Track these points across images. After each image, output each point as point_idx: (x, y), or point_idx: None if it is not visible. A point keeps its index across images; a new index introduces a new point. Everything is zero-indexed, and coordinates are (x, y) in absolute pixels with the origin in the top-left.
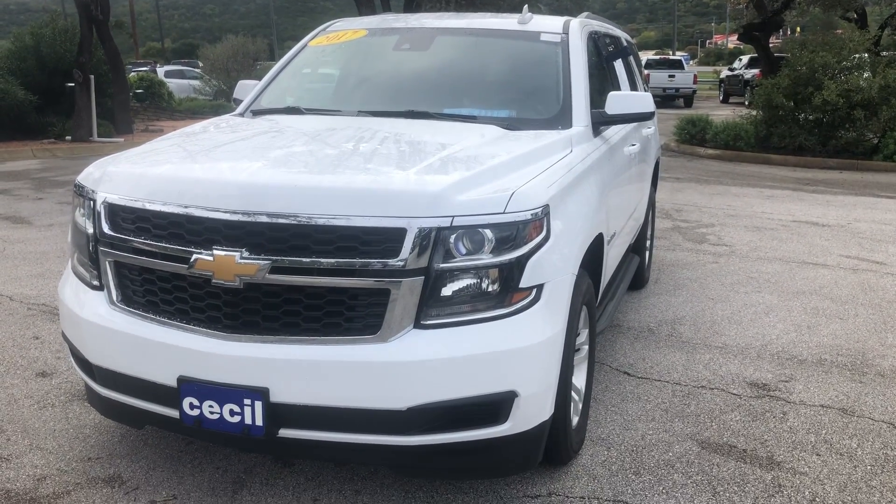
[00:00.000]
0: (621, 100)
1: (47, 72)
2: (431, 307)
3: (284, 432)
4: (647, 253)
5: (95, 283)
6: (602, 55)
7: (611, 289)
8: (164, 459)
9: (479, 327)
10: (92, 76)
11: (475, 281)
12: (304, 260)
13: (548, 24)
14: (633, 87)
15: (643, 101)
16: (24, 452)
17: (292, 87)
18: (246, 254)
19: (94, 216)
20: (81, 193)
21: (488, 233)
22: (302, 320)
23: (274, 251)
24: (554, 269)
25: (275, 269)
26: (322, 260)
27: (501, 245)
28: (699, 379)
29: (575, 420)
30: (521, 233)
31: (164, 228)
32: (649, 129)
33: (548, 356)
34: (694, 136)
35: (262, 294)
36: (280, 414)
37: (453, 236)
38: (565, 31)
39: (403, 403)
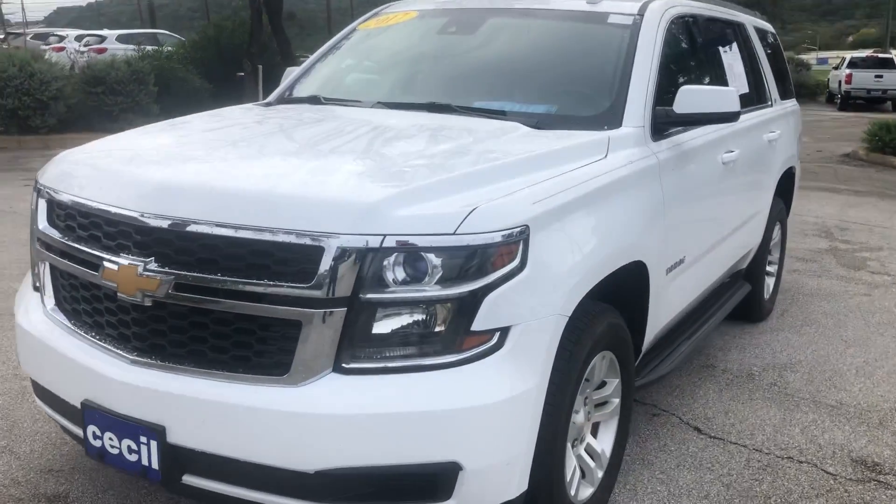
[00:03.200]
0: (694, 96)
1: (224, 61)
2: (357, 347)
3: (189, 479)
4: (772, 280)
5: (37, 284)
6: (698, 44)
7: (687, 326)
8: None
9: (415, 377)
10: (260, 66)
11: (415, 318)
12: (209, 277)
13: (621, 5)
14: (759, 86)
15: (724, 98)
16: None
17: (330, 74)
18: (152, 265)
19: (34, 210)
20: (36, 185)
21: (433, 258)
22: (209, 349)
23: (179, 264)
24: (529, 308)
25: (179, 286)
26: (229, 279)
27: (451, 274)
28: (788, 447)
29: (587, 493)
30: (479, 260)
31: (86, 229)
32: (772, 133)
33: (513, 419)
34: (888, 144)
35: (169, 315)
36: (181, 457)
37: (387, 260)
38: (640, 13)
39: (310, 465)
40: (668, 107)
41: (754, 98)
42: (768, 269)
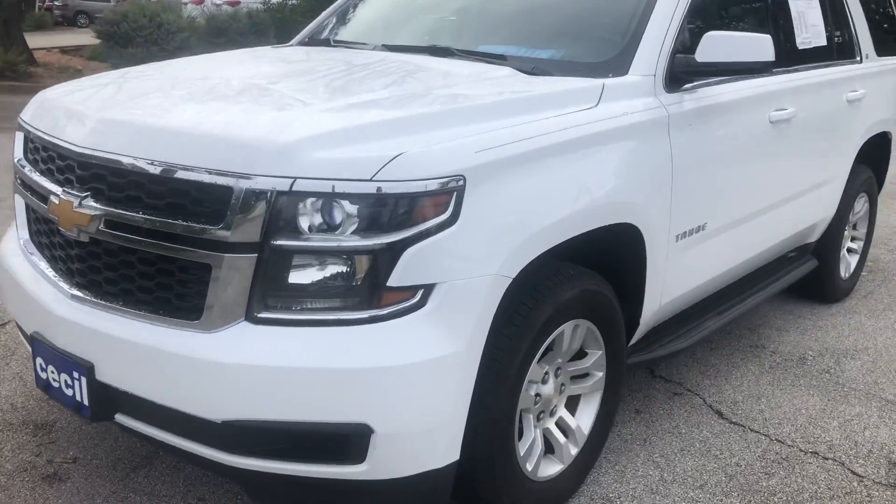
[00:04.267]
0: (720, 43)
1: None
2: (270, 297)
3: (121, 418)
4: (855, 258)
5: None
6: None
7: (722, 301)
8: None
9: (326, 332)
10: None
11: (330, 269)
12: (132, 215)
13: None
14: (842, 39)
15: (754, 46)
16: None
17: (349, 16)
18: (88, 201)
19: (13, 144)
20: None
21: (347, 205)
22: (136, 290)
23: (109, 200)
24: (458, 265)
25: (109, 223)
26: (151, 218)
27: (368, 224)
28: (818, 440)
29: (552, 469)
30: (400, 210)
31: (45, 162)
32: (855, 92)
33: (433, 384)
34: None
35: (104, 252)
36: (111, 396)
37: (302, 206)
38: None
39: (216, 414)
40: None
41: (833, 52)
42: (851, 245)
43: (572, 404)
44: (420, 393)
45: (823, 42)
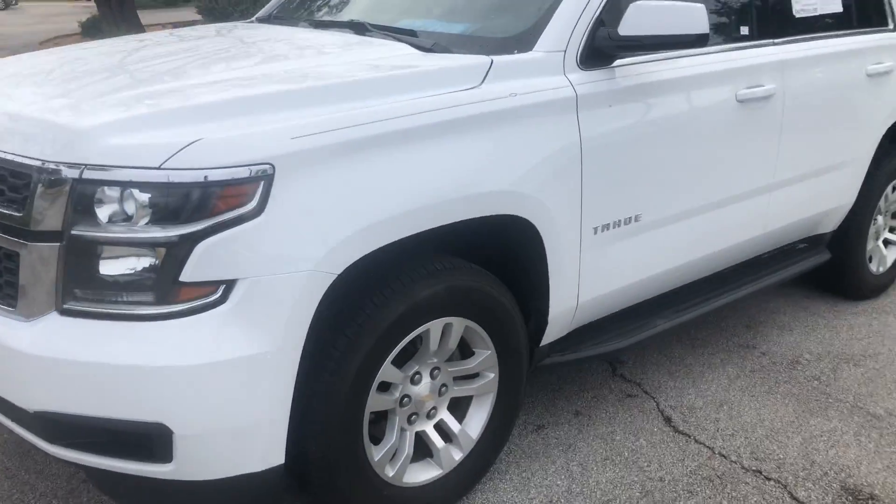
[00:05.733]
0: (646, 14)
1: None
2: (77, 288)
3: None
4: (892, 250)
5: None
6: None
7: (682, 298)
8: None
9: (126, 327)
10: None
11: (130, 262)
12: None
13: None
14: (864, 6)
15: (684, 16)
16: None
17: None
18: None
19: None
20: None
21: (139, 194)
22: None
23: None
24: (265, 260)
25: None
26: None
27: (162, 215)
28: (768, 457)
29: (427, 475)
30: (195, 200)
31: None
32: (878, 65)
33: (238, 385)
34: None
35: None
36: None
37: (96, 194)
38: None
39: (29, 404)
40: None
41: (852, 19)
42: (890, 236)
43: (460, 407)
44: (222, 394)
45: (837, 8)
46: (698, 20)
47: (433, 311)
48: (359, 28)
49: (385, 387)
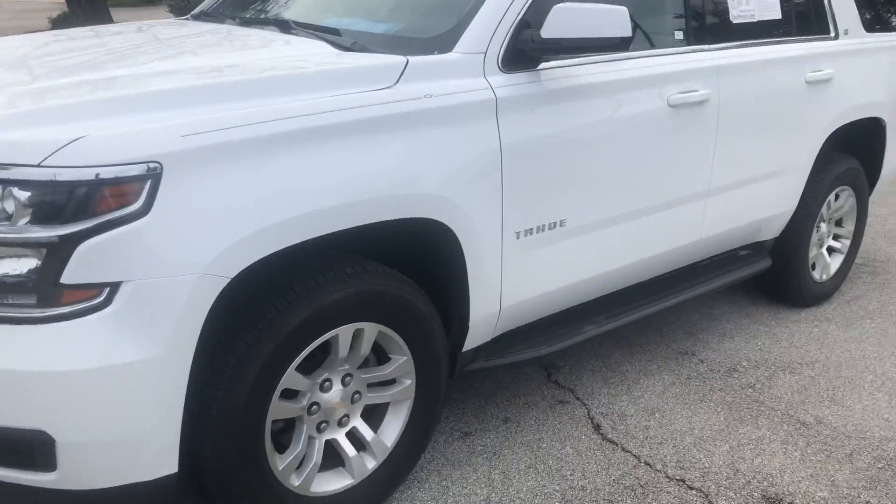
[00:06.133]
0: (570, 16)
1: None
2: None
3: None
4: (838, 258)
5: None
6: None
7: (614, 304)
8: None
9: (9, 330)
10: None
11: (12, 263)
12: None
13: None
14: (806, 12)
15: (606, 19)
16: None
17: None
18: None
19: None
20: None
21: (17, 192)
22: None
23: None
24: (151, 262)
25: None
26: None
27: (42, 214)
28: (694, 466)
29: (338, 484)
30: (75, 200)
31: None
32: (818, 72)
33: (127, 390)
34: None
35: None
36: None
37: None
38: None
39: None
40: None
41: (791, 27)
42: (833, 244)
43: (376, 414)
44: (106, 401)
45: (776, 15)
46: (621, 23)
47: (342, 316)
48: (284, 26)
49: (291, 394)
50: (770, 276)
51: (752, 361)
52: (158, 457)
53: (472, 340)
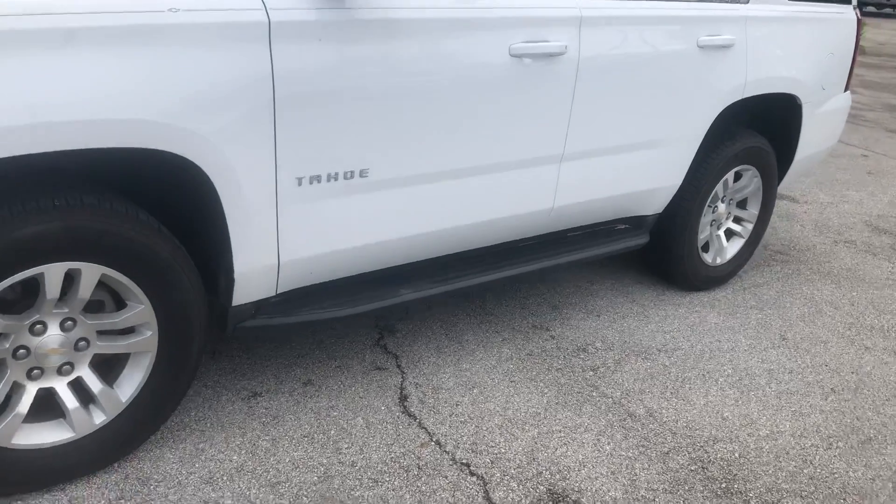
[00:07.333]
0: None
1: None
2: None
3: None
4: (738, 242)
5: None
6: None
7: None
8: None
9: None
10: None
11: None
12: None
13: None
14: None
15: None
16: None
17: None
18: None
19: None
20: None
21: None
22: None
23: None
24: None
25: None
26: None
27: None
28: (488, 451)
29: (59, 437)
30: None
31: None
32: (715, 37)
33: None
34: None
35: None
36: None
37: None
38: None
39: None
40: None
41: None
42: (733, 226)
43: (113, 365)
44: None
45: None
46: None
47: (46, 253)
48: None
49: None
50: (654, 255)
51: (608, 343)
52: None
53: (245, 295)
